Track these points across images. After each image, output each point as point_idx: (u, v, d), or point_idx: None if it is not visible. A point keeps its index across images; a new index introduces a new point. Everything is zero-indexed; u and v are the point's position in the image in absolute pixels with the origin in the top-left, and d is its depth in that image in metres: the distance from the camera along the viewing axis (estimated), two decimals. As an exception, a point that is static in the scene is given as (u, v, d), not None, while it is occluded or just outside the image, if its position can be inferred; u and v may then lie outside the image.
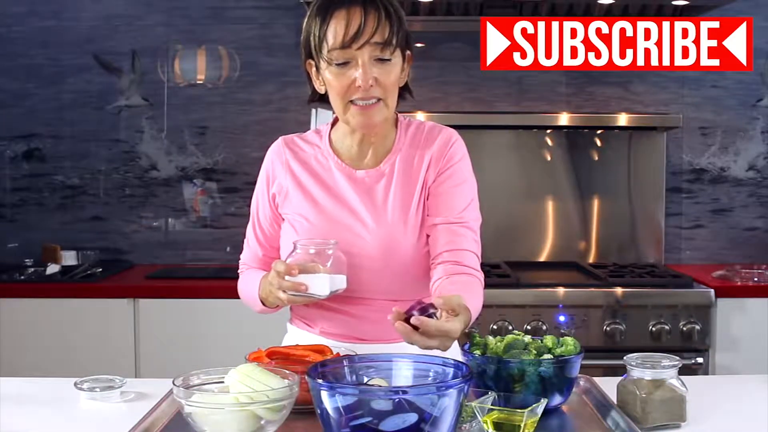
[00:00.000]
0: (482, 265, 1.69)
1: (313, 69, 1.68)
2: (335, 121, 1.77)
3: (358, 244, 1.66)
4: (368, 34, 1.57)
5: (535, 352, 1.50)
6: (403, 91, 1.72)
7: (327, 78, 1.63)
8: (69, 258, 3.33)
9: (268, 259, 1.79)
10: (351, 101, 1.62)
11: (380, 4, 1.59)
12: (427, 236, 1.69)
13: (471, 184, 1.74)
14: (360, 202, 1.69)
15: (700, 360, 2.86)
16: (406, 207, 1.69)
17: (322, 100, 1.72)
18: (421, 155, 1.71)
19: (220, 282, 3.03)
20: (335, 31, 1.58)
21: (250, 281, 1.78)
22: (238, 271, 1.87)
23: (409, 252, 1.67)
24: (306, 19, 1.65)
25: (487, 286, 1.66)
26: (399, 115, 1.76)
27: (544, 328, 2.85)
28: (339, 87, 1.61)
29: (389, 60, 1.61)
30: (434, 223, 1.68)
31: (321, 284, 1.55)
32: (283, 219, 1.76)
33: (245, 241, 1.85)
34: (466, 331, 1.43)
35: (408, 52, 1.68)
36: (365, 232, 1.67)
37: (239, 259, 1.87)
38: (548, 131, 3.46)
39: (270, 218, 1.78)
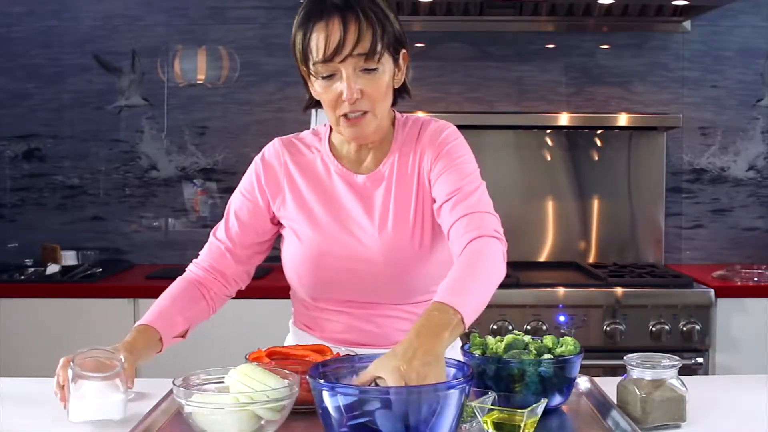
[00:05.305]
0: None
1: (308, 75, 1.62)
2: None
3: (359, 250, 1.64)
4: (349, 46, 1.51)
5: (535, 352, 1.50)
6: (401, 92, 1.67)
7: (317, 90, 1.60)
8: (69, 258, 3.33)
9: (231, 253, 1.70)
10: (341, 114, 1.57)
11: (360, 12, 1.52)
12: (444, 236, 1.60)
13: (469, 158, 1.65)
14: (360, 208, 1.66)
15: (700, 360, 2.86)
16: (406, 209, 1.65)
17: (318, 105, 1.67)
18: (415, 151, 1.67)
19: (220, 282, 3.02)
20: (316, 44, 1.53)
21: (167, 298, 1.65)
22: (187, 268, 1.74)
23: (413, 255, 1.64)
24: (293, 30, 1.60)
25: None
26: (397, 113, 1.71)
27: (544, 328, 2.85)
28: (328, 100, 1.57)
29: (375, 69, 1.55)
30: (440, 204, 1.60)
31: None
32: (281, 225, 1.72)
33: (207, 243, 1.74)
34: (467, 331, 1.42)
35: (403, 51, 1.62)
36: (366, 237, 1.64)
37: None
38: (548, 131, 3.46)
39: (251, 213, 1.70)
